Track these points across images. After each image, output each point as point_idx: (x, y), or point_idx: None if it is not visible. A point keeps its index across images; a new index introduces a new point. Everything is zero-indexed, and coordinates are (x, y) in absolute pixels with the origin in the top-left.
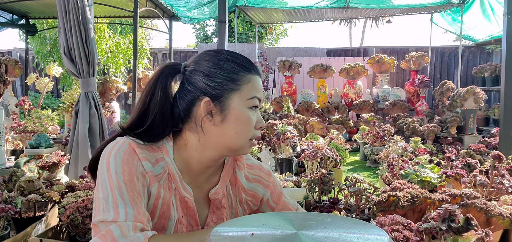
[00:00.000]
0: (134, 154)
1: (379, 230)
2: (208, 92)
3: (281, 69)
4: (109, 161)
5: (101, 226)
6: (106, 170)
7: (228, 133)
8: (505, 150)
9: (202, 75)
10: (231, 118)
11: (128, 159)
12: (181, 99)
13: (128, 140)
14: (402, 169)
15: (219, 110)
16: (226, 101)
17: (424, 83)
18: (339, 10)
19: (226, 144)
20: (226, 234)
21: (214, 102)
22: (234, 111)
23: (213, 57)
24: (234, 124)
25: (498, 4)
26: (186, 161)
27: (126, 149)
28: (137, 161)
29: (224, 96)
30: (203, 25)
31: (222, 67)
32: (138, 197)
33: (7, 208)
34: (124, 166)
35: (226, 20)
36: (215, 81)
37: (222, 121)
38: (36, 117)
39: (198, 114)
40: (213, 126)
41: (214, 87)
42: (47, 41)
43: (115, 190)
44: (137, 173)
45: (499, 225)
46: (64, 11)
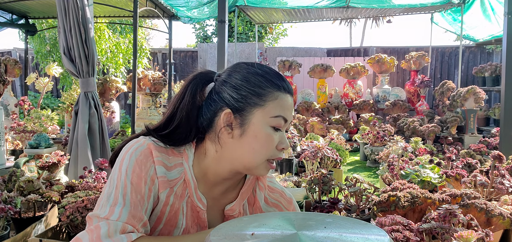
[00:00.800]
0: (150, 156)
1: (379, 230)
2: (230, 104)
3: (281, 69)
4: (124, 158)
5: (94, 220)
6: (118, 166)
7: (244, 148)
8: (505, 150)
9: (229, 87)
10: (250, 134)
11: (142, 160)
12: (206, 107)
13: (149, 141)
14: (402, 169)
15: (239, 124)
16: (248, 115)
17: (425, 83)
18: (339, 10)
19: (242, 160)
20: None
21: (235, 114)
22: (254, 127)
23: (243, 69)
24: (252, 140)
25: (498, 4)
26: (203, 170)
27: (143, 150)
28: (151, 163)
29: (246, 110)
30: (203, 25)
31: (249, 80)
32: (141, 200)
33: (6, 208)
34: (136, 166)
35: (226, 20)
36: (240, 93)
37: (241, 135)
38: (36, 117)
39: (218, 125)
40: (231, 139)
41: (237, 100)
42: (47, 41)
43: (120, 189)
44: (147, 176)
45: (499, 225)
46: (64, 11)
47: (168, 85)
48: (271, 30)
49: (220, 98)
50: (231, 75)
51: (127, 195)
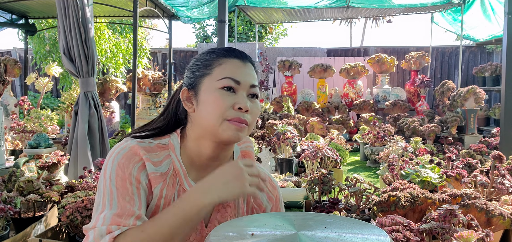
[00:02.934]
0: (133, 157)
1: (379, 230)
2: (186, 83)
3: (281, 69)
4: (107, 164)
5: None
6: (103, 174)
7: (202, 115)
8: (505, 150)
9: (186, 71)
10: (202, 101)
11: (124, 163)
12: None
13: (133, 142)
14: (403, 169)
15: (194, 96)
16: (199, 86)
17: (425, 83)
18: (339, 10)
19: (206, 128)
20: (226, 234)
21: (189, 90)
22: (204, 93)
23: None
24: (205, 105)
25: (498, 4)
26: (189, 155)
27: (125, 153)
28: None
29: (197, 83)
30: (203, 25)
31: (199, 58)
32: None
33: (6, 208)
34: (118, 170)
35: (226, 20)
36: (192, 71)
37: (197, 105)
38: (36, 117)
39: (183, 105)
40: (193, 113)
41: (190, 77)
42: (47, 41)
43: (107, 196)
44: (131, 177)
45: (499, 225)
46: (64, 11)
47: (168, 85)
48: (271, 30)
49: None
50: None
51: (114, 200)
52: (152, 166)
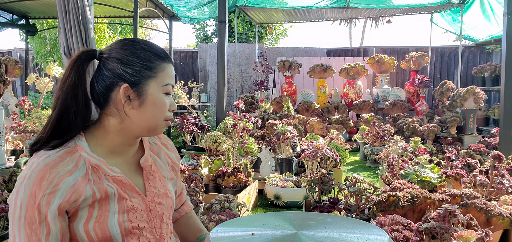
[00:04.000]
0: (41, 182)
1: (379, 230)
2: (126, 78)
3: (281, 69)
4: (16, 201)
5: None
6: (14, 201)
7: (146, 115)
8: (505, 150)
9: (120, 63)
10: (149, 103)
11: (36, 190)
12: (99, 83)
13: (39, 164)
14: (402, 169)
15: (137, 96)
16: (144, 87)
17: (424, 83)
18: (339, 10)
19: (145, 125)
20: (226, 234)
21: (132, 88)
22: (151, 96)
23: (130, 46)
24: (152, 107)
25: (498, 4)
26: (108, 146)
27: (35, 177)
28: (44, 191)
29: (141, 83)
30: (203, 25)
31: (140, 56)
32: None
33: (7, 208)
34: (30, 199)
35: (226, 20)
36: (133, 69)
37: (140, 105)
38: (36, 118)
39: (117, 99)
40: (132, 110)
41: (132, 74)
42: (47, 41)
43: (16, 226)
44: (41, 206)
45: (499, 225)
46: (64, 11)
47: None
48: (271, 30)
49: (115, 74)
50: (120, 52)
51: (21, 229)
52: (72, 178)
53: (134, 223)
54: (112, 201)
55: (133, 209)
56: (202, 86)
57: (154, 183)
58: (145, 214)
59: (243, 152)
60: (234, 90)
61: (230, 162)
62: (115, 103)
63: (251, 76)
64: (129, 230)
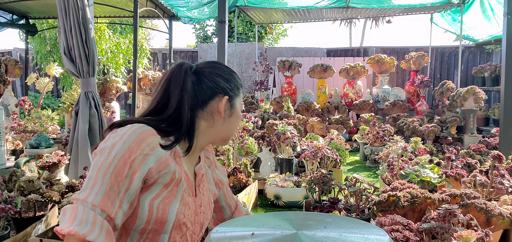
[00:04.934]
0: (141, 142)
1: (379, 230)
2: (228, 92)
3: (281, 69)
4: (110, 151)
5: (79, 206)
6: (101, 159)
7: (229, 126)
8: (505, 150)
9: (222, 79)
10: (234, 116)
11: (134, 147)
12: (200, 92)
13: (139, 126)
14: (402, 169)
15: (229, 109)
16: (235, 102)
17: (424, 83)
18: (339, 10)
19: (224, 135)
20: (226, 234)
21: (229, 101)
22: (237, 111)
23: (226, 68)
24: (235, 120)
25: (498, 4)
26: (188, 144)
27: (136, 136)
28: (141, 151)
29: (234, 98)
30: (203, 25)
31: (234, 77)
32: (119, 186)
33: (7, 208)
34: (126, 153)
35: (226, 20)
36: (231, 85)
37: (229, 116)
38: (36, 118)
39: (215, 107)
40: (220, 119)
41: (231, 89)
42: (47, 41)
43: (103, 169)
44: (135, 162)
45: (499, 225)
46: (64, 11)
47: None
48: (271, 30)
49: (218, 87)
50: (221, 70)
51: (106, 177)
52: (161, 150)
53: (185, 219)
54: (180, 189)
55: (188, 206)
56: None
57: (203, 190)
58: (192, 216)
59: (243, 152)
60: None
61: (230, 162)
62: (211, 110)
63: (251, 76)
64: (180, 224)
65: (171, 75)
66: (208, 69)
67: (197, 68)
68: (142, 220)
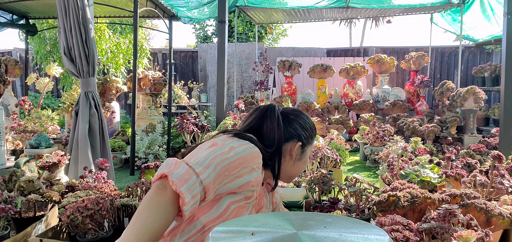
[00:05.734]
0: (248, 163)
1: (379, 230)
2: (302, 139)
3: (281, 69)
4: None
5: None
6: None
7: (296, 169)
8: (505, 150)
9: (300, 126)
10: (303, 161)
11: (246, 159)
12: (280, 133)
13: (252, 147)
14: (402, 169)
15: (300, 154)
16: (306, 149)
17: (424, 83)
18: (339, 10)
19: (290, 174)
20: (226, 234)
21: (301, 148)
22: (305, 157)
23: (308, 119)
24: (302, 165)
25: (498, 4)
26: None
27: (251, 153)
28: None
29: (306, 146)
30: (203, 25)
31: (311, 128)
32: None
33: (7, 208)
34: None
35: (226, 20)
36: (306, 134)
37: (298, 160)
38: (36, 118)
39: (288, 149)
40: (290, 160)
41: (305, 137)
42: (47, 41)
43: (218, 159)
44: (241, 170)
45: (499, 225)
46: (64, 11)
47: (168, 86)
48: (271, 30)
49: (296, 133)
50: (303, 119)
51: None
52: (259, 171)
53: None
54: (251, 203)
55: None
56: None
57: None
58: None
59: None
60: (234, 90)
61: None
62: (284, 150)
63: (251, 76)
64: None
65: (266, 111)
66: (292, 115)
67: (283, 111)
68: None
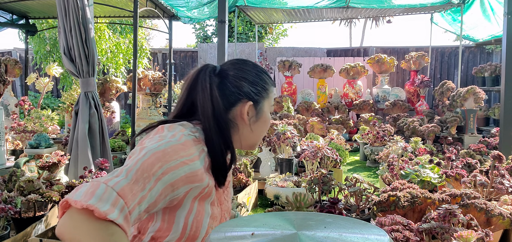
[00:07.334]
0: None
1: (379, 230)
2: (252, 97)
3: (281, 69)
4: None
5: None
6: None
7: (256, 132)
8: (505, 150)
9: (247, 82)
10: (261, 121)
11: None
12: (223, 97)
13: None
14: (402, 169)
15: (255, 113)
16: (261, 106)
17: (424, 83)
18: (339, 10)
19: (251, 141)
20: (226, 234)
21: (254, 106)
22: (264, 114)
23: (253, 68)
24: (262, 125)
25: (498, 4)
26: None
27: (174, 145)
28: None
29: (260, 102)
30: (203, 25)
31: (261, 78)
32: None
33: (7, 208)
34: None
35: (226, 20)
36: (256, 88)
37: (255, 122)
38: (36, 117)
39: (238, 113)
40: (246, 125)
41: (256, 94)
42: (47, 41)
43: (130, 164)
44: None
45: (499, 225)
46: (64, 11)
47: (168, 85)
48: (271, 30)
49: (241, 92)
50: (246, 71)
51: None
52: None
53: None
54: (207, 203)
55: (215, 218)
56: None
57: (227, 197)
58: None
59: (243, 152)
60: None
61: None
62: (234, 116)
63: None
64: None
65: (195, 78)
66: (233, 72)
67: (221, 70)
68: (176, 235)
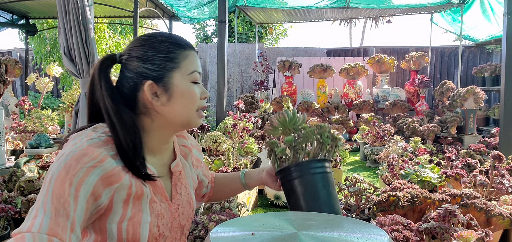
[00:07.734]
0: (82, 158)
1: (379, 230)
2: (149, 75)
3: (281, 69)
4: (52, 167)
5: (26, 236)
6: (48, 177)
7: (176, 109)
8: (505, 150)
9: (140, 61)
10: (177, 95)
11: (72, 164)
12: (124, 87)
13: (83, 141)
14: (402, 169)
15: (164, 91)
16: (169, 80)
17: (424, 83)
18: (339, 10)
19: (177, 120)
20: (226, 234)
21: (157, 84)
22: (178, 88)
23: (147, 42)
24: (181, 99)
25: (498, 4)
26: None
27: (74, 155)
28: (82, 166)
29: (166, 77)
30: (203, 25)
31: (159, 49)
32: (65, 208)
33: (7, 208)
34: (62, 172)
35: (226, 20)
36: (154, 63)
37: (169, 99)
38: (36, 118)
39: (144, 98)
40: (161, 106)
41: (154, 70)
42: (47, 41)
43: (41, 198)
44: (73, 180)
45: (499, 225)
46: (64, 11)
47: None
48: (271, 30)
49: (137, 74)
50: (138, 50)
51: (48, 203)
52: (112, 162)
53: (161, 230)
54: (144, 202)
55: (161, 215)
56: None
57: (181, 190)
58: (169, 222)
59: (243, 152)
60: (234, 90)
61: (230, 162)
62: (143, 103)
63: (251, 76)
64: (156, 237)
65: (92, 76)
66: (126, 55)
67: (120, 59)
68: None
